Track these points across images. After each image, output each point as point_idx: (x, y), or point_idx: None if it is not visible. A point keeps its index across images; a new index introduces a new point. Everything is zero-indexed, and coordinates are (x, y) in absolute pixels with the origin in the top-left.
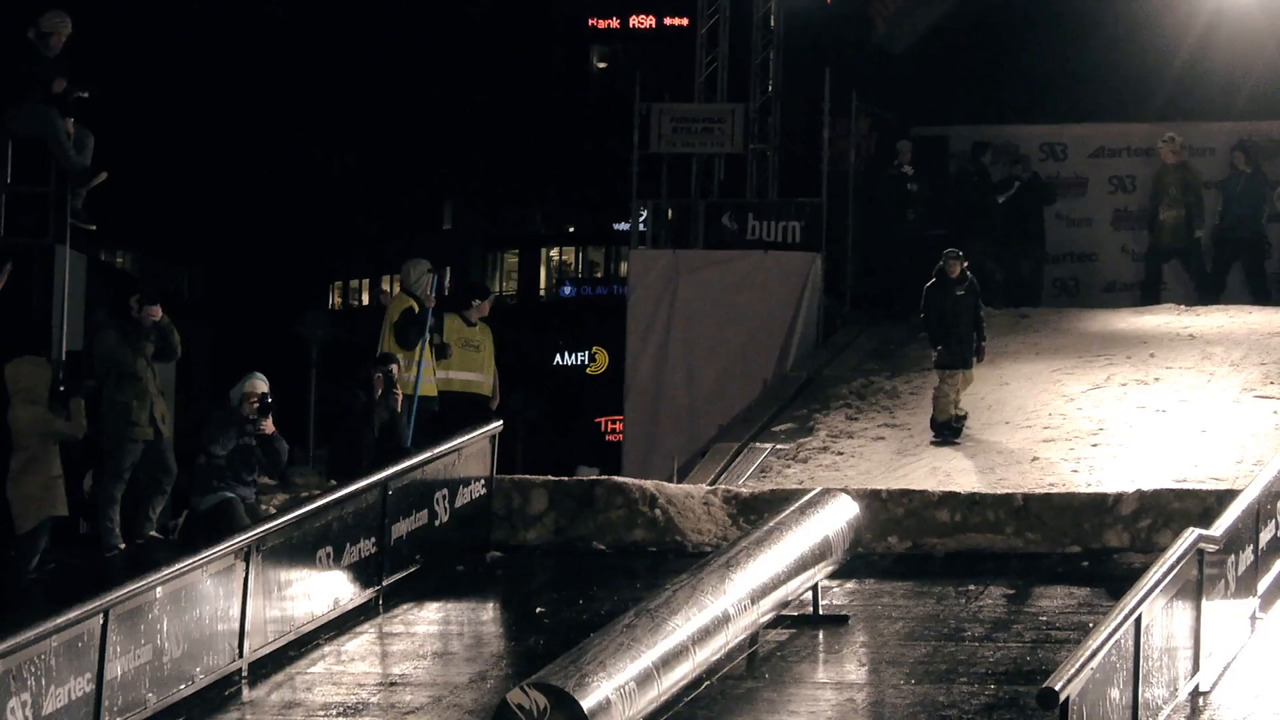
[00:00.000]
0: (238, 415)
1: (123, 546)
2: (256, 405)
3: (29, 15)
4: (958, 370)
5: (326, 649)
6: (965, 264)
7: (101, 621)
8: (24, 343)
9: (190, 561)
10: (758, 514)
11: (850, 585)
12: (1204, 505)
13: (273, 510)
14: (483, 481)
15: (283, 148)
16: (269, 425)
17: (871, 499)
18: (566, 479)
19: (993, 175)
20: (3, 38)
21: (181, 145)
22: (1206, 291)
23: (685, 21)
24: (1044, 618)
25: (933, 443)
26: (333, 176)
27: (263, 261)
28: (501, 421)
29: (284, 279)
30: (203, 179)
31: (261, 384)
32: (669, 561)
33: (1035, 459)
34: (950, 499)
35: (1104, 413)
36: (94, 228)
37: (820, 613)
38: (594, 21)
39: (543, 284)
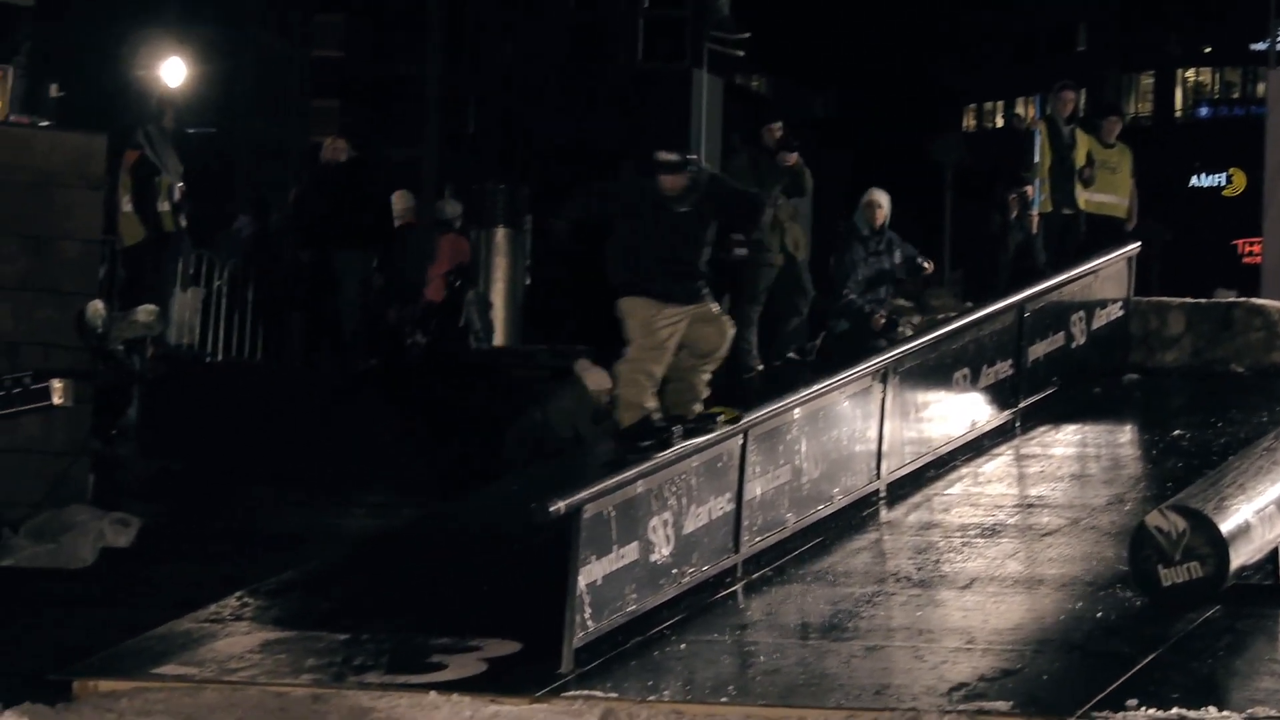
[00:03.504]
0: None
1: (760, 368)
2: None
3: None
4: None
5: (963, 470)
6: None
7: (741, 442)
8: None
9: (828, 383)
10: None
11: None
12: None
13: (909, 332)
14: (1120, 303)
15: None
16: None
17: None
18: (1204, 301)
19: None
20: None
21: None
22: None
23: None
24: None
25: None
26: None
27: (897, 84)
28: (1139, 243)
29: (918, 101)
30: (838, 2)
31: (880, 195)
32: None
33: None
34: None
35: None
36: (746, 35)
37: None
38: None
39: (1178, 105)
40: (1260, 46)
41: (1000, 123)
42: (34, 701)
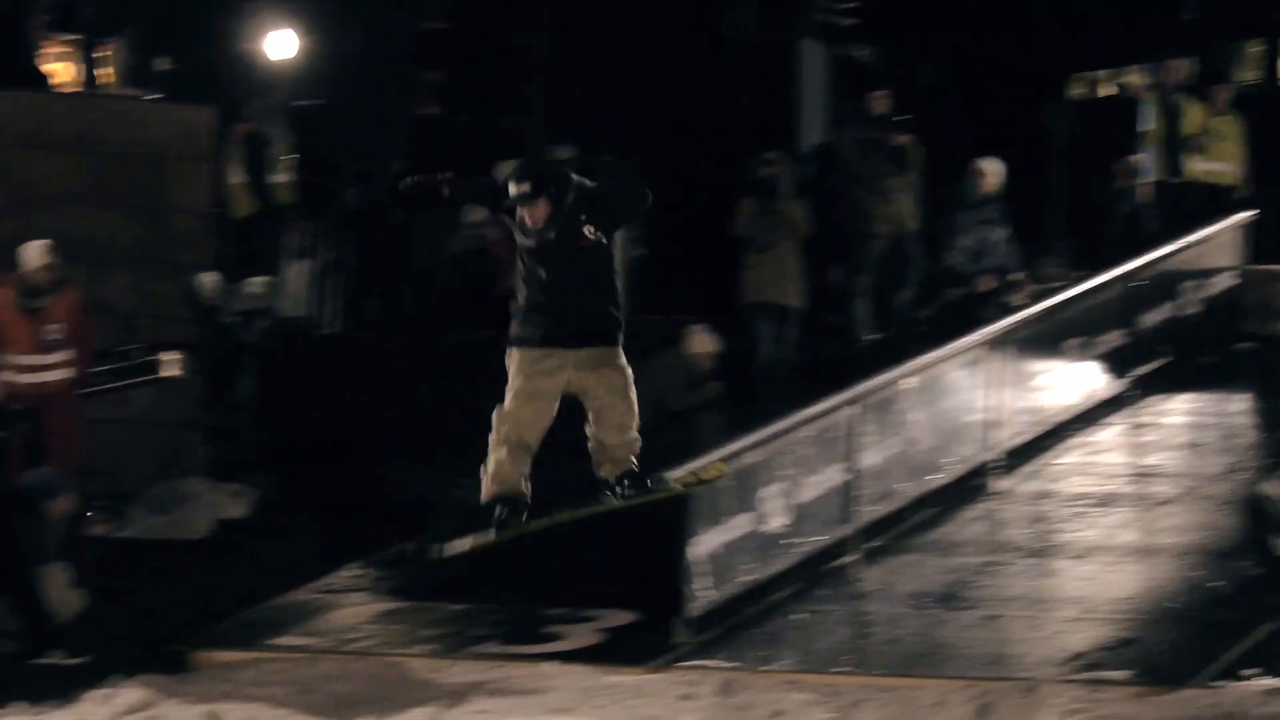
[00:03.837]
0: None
1: (872, 338)
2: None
3: None
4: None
5: (1076, 440)
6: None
7: (854, 411)
8: (770, 137)
9: (939, 353)
10: None
11: None
12: None
13: (1022, 302)
14: (1232, 272)
15: None
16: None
17: None
18: None
19: None
20: None
21: None
22: None
23: None
24: None
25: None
26: None
27: (1005, 51)
28: (1254, 210)
29: (1026, 69)
30: None
31: (989, 163)
32: None
33: None
34: None
35: None
36: (853, 3)
37: None
38: None
39: None
40: None
41: (1109, 91)
42: (154, 672)
